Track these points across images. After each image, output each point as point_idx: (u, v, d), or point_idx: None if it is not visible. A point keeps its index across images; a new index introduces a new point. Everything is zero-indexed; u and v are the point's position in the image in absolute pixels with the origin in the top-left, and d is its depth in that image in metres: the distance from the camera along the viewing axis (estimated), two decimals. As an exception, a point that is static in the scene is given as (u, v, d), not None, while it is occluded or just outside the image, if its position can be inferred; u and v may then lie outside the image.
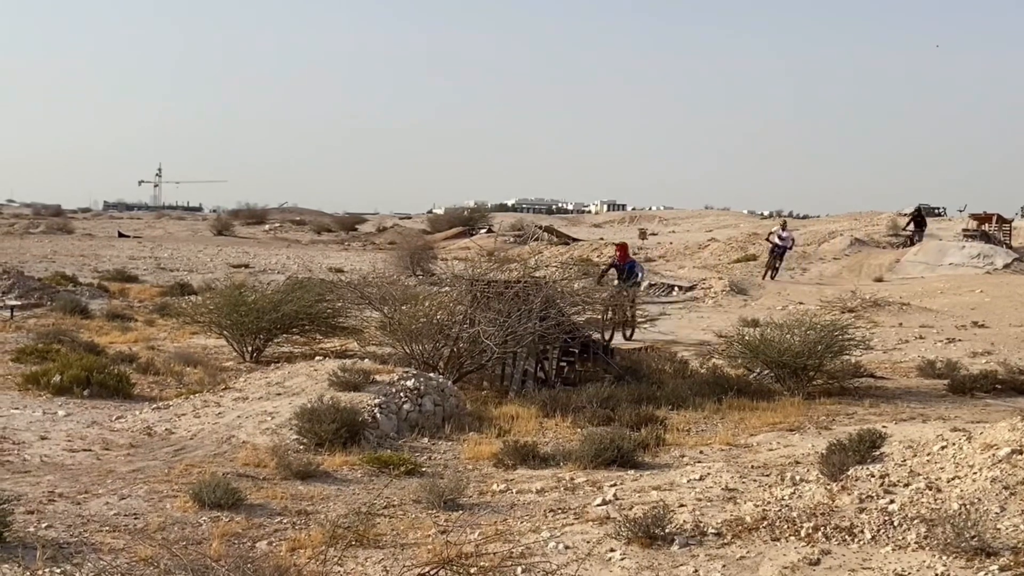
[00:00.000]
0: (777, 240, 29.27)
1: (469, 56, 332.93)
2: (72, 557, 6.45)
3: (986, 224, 39.99)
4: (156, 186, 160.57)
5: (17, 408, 11.05)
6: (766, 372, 13.85)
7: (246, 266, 34.80)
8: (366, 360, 12.69)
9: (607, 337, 16.29)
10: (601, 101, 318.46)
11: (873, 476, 7.73)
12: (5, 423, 10.28)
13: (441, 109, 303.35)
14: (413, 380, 11.38)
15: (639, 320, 18.64)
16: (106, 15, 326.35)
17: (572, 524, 7.55)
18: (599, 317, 16.65)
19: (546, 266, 21.86)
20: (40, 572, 5.78)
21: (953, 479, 7.36)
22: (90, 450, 9.63)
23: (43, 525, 7.18)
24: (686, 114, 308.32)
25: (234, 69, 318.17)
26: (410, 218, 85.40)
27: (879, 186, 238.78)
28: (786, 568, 6.32)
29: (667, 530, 6.94)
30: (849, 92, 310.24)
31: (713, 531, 7.05)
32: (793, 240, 30.54)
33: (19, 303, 19.98)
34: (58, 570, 6.07)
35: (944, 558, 6.23)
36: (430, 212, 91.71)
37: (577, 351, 14.31)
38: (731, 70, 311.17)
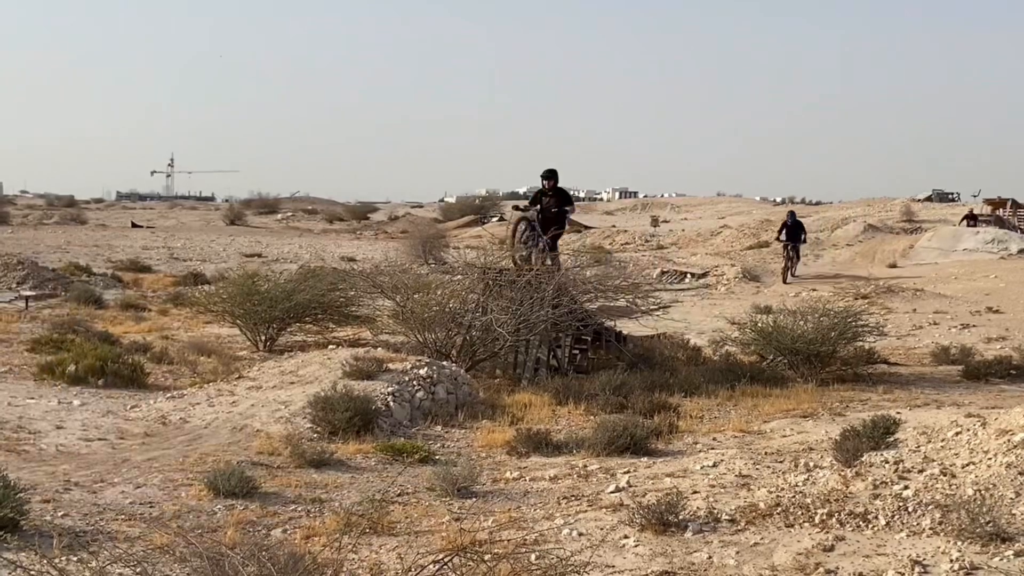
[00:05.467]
0: None
1: (481, 46, 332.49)
2: (88, 545, 6.48)
3: (1000, 209, 39.83)
4: (168, 176, 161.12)
5: (33, 398, 11.10)
6: (779, 359, 13.82)
7: (259, 255, 34.85)
8: (379, 349, 12.71)
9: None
10: (613, 89, 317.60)
11: (887, 462, 7.71)
12: (21, 413, 10.32)
13: (454, 98, 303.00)
14: (426, 368, 11.40)
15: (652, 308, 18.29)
16: (119, 6, 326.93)
17: (585, 511, 7.55)
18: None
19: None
20: (57, 560, 5.80)
21: (968, 465, 7.34)
22: (105, 439, 9.67)
23: (59, 514, 7.22)
24: (698, 101, 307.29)
25: (245, 60, 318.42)
26: (422, 207, 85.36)
27: (892, 172, 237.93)
28: (800, 554, 6.31)
29: (680, 517, 6.93)
30: (862, 78, 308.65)
31: (727, 517, 7.05)
32: None
33: (33, 293, 20.07)
34: (74, 558, 6.10)
35: (959, 544, 6.21)
36: (442, 201, 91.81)
37: (590, 339, 14.30)
38: (743, 58, 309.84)
